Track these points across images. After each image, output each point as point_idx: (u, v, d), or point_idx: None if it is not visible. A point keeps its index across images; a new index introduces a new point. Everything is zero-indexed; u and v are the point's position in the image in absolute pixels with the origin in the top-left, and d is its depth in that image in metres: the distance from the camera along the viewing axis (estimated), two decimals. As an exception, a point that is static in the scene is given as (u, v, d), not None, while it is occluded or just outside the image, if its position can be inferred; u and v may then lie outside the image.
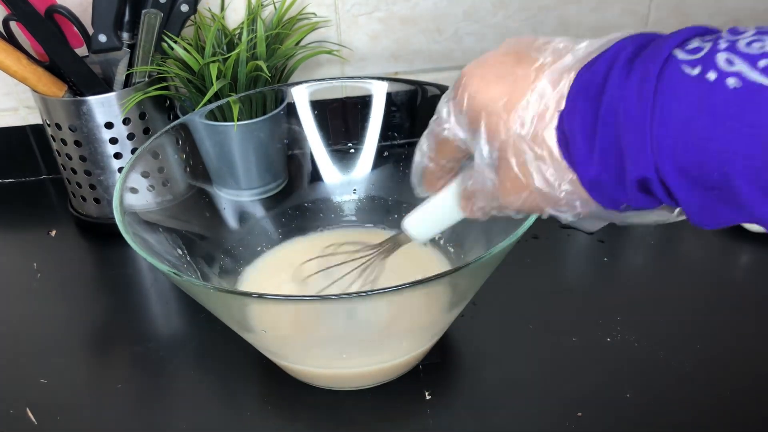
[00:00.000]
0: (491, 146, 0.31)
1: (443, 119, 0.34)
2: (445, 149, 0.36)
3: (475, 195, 0.35)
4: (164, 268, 0.41)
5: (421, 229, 0.42)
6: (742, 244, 0.65)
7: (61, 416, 0.51)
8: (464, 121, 0.32)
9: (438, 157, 0.37)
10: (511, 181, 0.30)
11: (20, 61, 0.62)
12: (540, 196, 0.30)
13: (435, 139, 0.36)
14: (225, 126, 0.61)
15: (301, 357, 0.49)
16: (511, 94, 0.29)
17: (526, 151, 0.29)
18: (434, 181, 0.39)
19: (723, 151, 0.23)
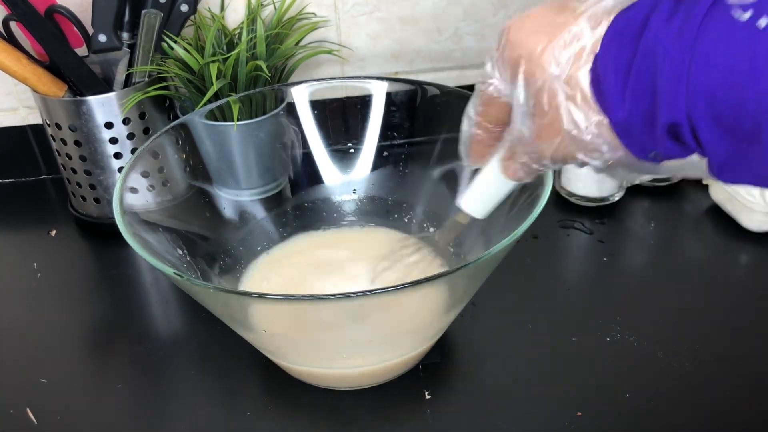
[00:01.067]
0: (528, 92, 0.31)
1: (487, 74, 0.34)
2: (491, 110, 0.35)
3: (515, 151, 0.34)
4: (164, 269, 0.41)
5: (477, 204, 0.41)
6: (742, 244, 0.65)
7: (61, 416, 0.51)
8: (506, 73, 0.32)
9: (485, 121, 0.36)
10: (546, 126, 0.30)
11: (20, 61, 0.62)
12: (569, 140, 0.30)
13: (481, 99, 0.35)
14: (225, 126, 0.61)
15: (301, 357, 0.49)
16: (549, 39, 0.29)
17: (558, 92, 0.29)
18: (482, 150, 0.38)
19: (761, 100, 0.23)
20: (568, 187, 0.71)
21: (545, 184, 0.45)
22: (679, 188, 0.74)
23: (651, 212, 0.71)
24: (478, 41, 0.78)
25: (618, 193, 0.71)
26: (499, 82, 0.33)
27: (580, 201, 0.71)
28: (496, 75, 0.33)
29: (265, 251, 0.61)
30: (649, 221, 0.69)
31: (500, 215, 0.52)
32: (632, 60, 0.26)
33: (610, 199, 0.71)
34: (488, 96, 0.34)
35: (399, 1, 0.75)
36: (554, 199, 0.72)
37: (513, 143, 0.34)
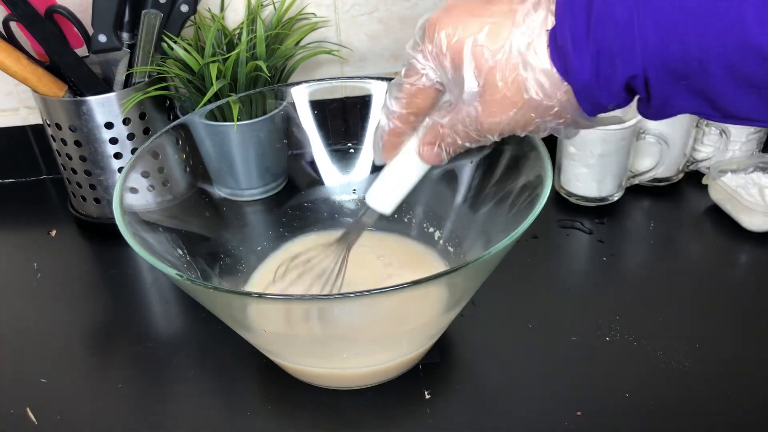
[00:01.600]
0: (478, 74, 0.33)
1: (418, 68, 0.36)
2: (417, 100, 0.38)
3: (437, 135, 0.38)
4: (164, 269, 0.41)
5: (385, 197, 0.42)
6: (742, 244, 0.65)
7: (61, 416, 0.51)
8: (443, 62, 0.35)
9: (410, 112, 0.39)
10: (498, 102, 0.33)
11: (20, 62, 0.62)
12: (531, 109, 0.33)
13: (406, 94, 0.38)
14: (225, 126, 0.61)
15: (301, 357, 0.49)
16: (492, 24, 0.32)
17: (518, 70, 0.32)
18: (395, 142, 0.41)
19: (701, 44, 0.27)
20: (567, 187, 0.71)
21: (545, 183, 0.45)
22: (679, 188, 0.74)
23: (651, 212, 0.71)
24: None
25: (618, 193, 0.71)
26: (432, 73, 0.36)
27: (579, 201, 0.71)
28: (429, 66, 0.36)
29: (265, 251, 0.61)
30: (648, 221, 0.69)
31: (500, 215, 0.52)
32: (587, 28, 0.29)
33: (610, 199, 0.71)
34: (416, 88, 0.37)
35: (399, 1, 0.75)
36: (554, 199, 0.72)
37: (451, 123, 0.37)
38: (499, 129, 0.35)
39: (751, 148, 0.73)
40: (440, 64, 0.35)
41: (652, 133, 0.68)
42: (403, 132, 0.40)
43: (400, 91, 0.38)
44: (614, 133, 0.65)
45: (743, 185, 0.67)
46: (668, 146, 0.68)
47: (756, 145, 0.74)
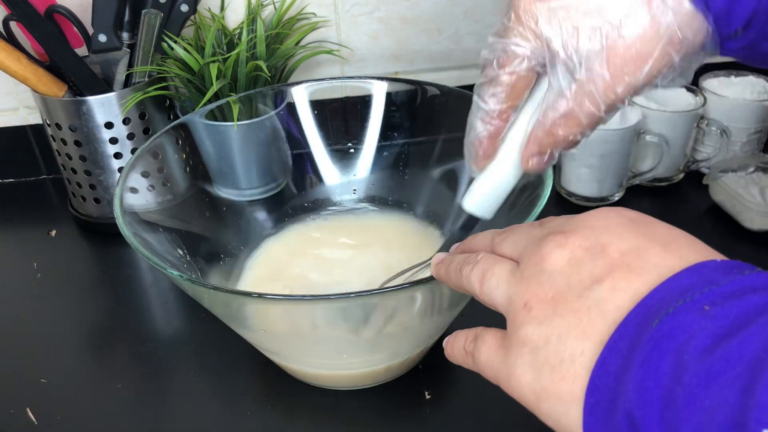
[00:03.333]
0: (598, 41, 0.31)
1: (518, 52, 0.33)
2: (516, 90, 0.35)
3: (553, 129, 0.34)
4: (164, 269, 0.41)
5: (485, 203, 0.39)
6: (742, 244, 0.65)
7: (61, 416, 0.51)
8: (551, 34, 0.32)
9: (508, 107, 0.36)
10: (629, 59, 0.31)
11: (20, 61, 0.62)
12: (671, 49, 0.31)
13: (505, 86, 0.35)
14: (225, 126, 0.61)
15: (301, 357, 0.49)
16: None
17: (649, 16, 0.30)
18: (493, 145, 0.37)
19: None
20: (568, 187, 0.71)
21: (545, 184, 0.45)
22: (679, 188, 0.74)
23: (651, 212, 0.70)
24: (478, 41, 0.78)
25: (618, 193, 0.71)
26: (535, 55, 0.33)
27: (580, 201, 0.71)
28: (530, 47, 0.33)
29: (265, 251, 0.61)
30: (649, 221, 0.69)
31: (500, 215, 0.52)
32: None
33: (610, 199, 0.71)
34: (517, 75, 0.34)
35: (399, 1, 0.75)
36: (554, 199, 0.72)
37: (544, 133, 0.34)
38: (631, 90, 0.32)
39: (752, 148, 0.73)
40: (546, 42, 0.32)
41: (653, 133, 0.68)
42: (502, 131, 0.37)
43: (496, 85, 0.35)
44: (615, 133, 0.65)
45: (743, 185, 0.67)
46: (669, 146, 0.68)
47: (756, 145, 0.74)
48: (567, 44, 0.32)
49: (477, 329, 0.31)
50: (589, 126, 0.34)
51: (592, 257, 0.25)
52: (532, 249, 0.27)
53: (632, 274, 0.24)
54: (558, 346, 0.25)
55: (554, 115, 0.34)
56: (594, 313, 0.24)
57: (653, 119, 0.68)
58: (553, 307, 0.25)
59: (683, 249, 0.25)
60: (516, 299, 0.27)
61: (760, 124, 0.72)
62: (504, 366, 0.28)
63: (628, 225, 0.26)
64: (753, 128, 0.72)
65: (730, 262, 0.24)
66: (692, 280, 0.23)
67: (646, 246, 0.25)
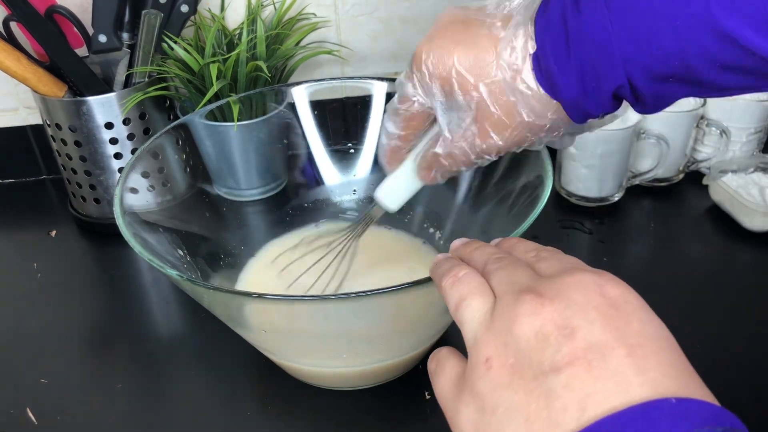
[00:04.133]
0: (467, 100, 0.35)
1: (409, 95, 0.38)
2: (411, 124, 0.40)
3: (436, 159, 0.39)
4: (164, 269, 0.41)
5: (391, 198, 0.46)
6: (742, 244, 0.65)
7: (61, 416, 0.51)
8: (433, 89, 0.36)
9: (404, 134, 0.41)
10: (493, 124, 0.34)
11: (20, 62, 0.62)
12: (526, 129, 0.34)
13: (401, 118, 0.40)
14: (225, 126, 0.61)
15: (301, 357, 0.49)
16: (477, 52, 0.34)
17: (508, 95, 0.33)
18: (399, 156, 0.43)
19: (676, 44, 0.28)
20: (568, 187, 0.71)
21: (545, 184, 0.45)
22: (679, 188, 0.74)
23: (651, 212, 0.71)
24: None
25: (618, 193, 0.71)
26: (423, 99, 0.38)
27: (580, 201, 0.71)
28: (419, 94, 0.37)
29: (265, 251, 0.61)
30: (649, 221, 0.69)
31: (500, 215, 0.52)
32: (568, 48, 0.31)
33: (610, 199, 0.71)
34: (411, 113, 0.39)
35: (399, 2, 0.75)
36: (554, 199, 0.72)
37: (443, 150, 0.38)
38: (496, 149, 0.36)
39: (752, 148, 0.73)
40: (430, 92, 0.37)
41: (653, 134, 0.68)
42: (402, 147, 0.42)
43: (395, 115, 0.40)
44: (614, 133, 0.65)
45: (743, 185, 0.67)
46: (668, 146, 0.68)
47: (756, 146, 0.74)
48: (444, 101, 0.36)
49: (443, 351, 0.32)
50: (464, 165, 0.38)
51: (559, 338, 0.24)
52: (510, 300, 0.27)
53: (589, 375, 0.23)
54: (501, 422, 0.24)
55: (437, 150, 0.39)
56: (541, 404, 0.23)
57: (653, 119, 0.68)
58: (509, 378, 0.25)
59: (648, 359, 0.24)
60: (481, 349, 0.27)
61: (759, 124, 0.72)
62: (452, 406, 0.29)
63: (605, 310, 0.25)
64: (753, 128, 0.72)
65: (689, 406, 0.23)
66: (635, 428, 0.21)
67: (611, 345, 0.24)
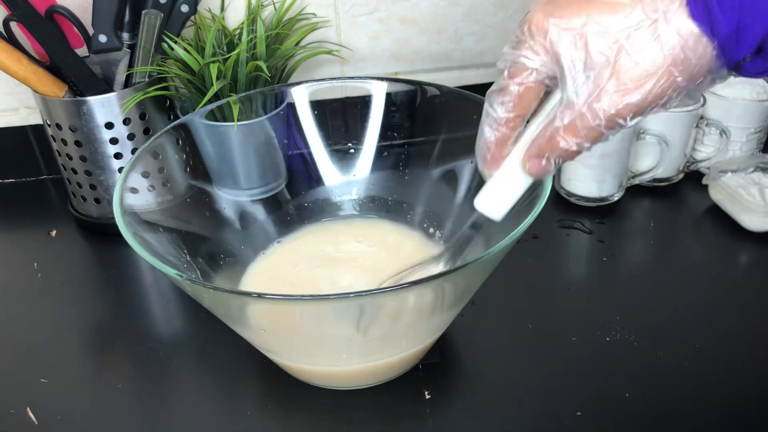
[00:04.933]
0: (606, 53, 0.32)
1: (527, 64, 0.35)
2: (525, 101, 0.37)
3: (553, 139, 0.36)
4: (164, 269, 0.41)
5: (495, 205, 0.42)
6: (742, 244, 0.65)
7: (61, 416, 0.51)
8: (560, 50, 0.34)
9: (515, 116, 0.37)
10: (635, 77, 0.32)
11: (21, 62, 0.62)
12: (670, 77, 0.32)
13: (513, 96, 0.37)
14: (225, 126, 0.61)
15: (301, 357, 0.49)
16: (613, 2, 0.32)
17: (658, 33, 0.32)
18: (501, 151, 0.39)
19: None
20: (568, 187, 0.71)
21: (545, 184, 0.45)
22: (679, 188, 0.74)
23: (651, 212, 0.71)
24: (477, 41, 0.78)
25: (618, 193, 0.71)
26: (544, 66, 0.35)
27: (580, 201, 0.71)
28: (540, 60, 0.35)
29: (265, 251, 0.61)
30: (649, 221, 0.69)
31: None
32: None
33: (610, 199, 0.71)
34: (526, 87, 0.36)
35: (399, 1, 0.75)
36: (554, 199, 0.72)
37: (546, 138, 0.36)
38: (634, 109, 0.34)
39: (751, 148, 0.73)
40: (555, 56, 0.34)
41: (652, 133, 0.68)
42: (509, 138, 0.39)
43: (505, 94, 0.37)
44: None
45: (743, 185, 0.67)
46: (668, 146, 0.68)
47: (756, 145, 0.74)
48: (575, 59, 0.33)
49: None
50: (588, 139, 0.35)
51: None
52: None
53: None
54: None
55: (557, 125, 0.35)
56: None
57: (653, 119, 0.68)
58: None
59: None
60: None
61: (759, 124, 0.72)
62: None
63: None
64: (753, 128, 0.72)
65: None
66: None
67: None
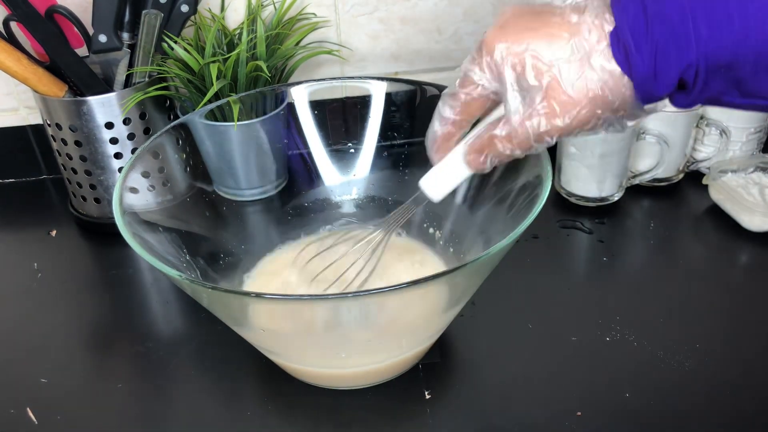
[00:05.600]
0: (539, 80, 0.36)
1: (475, 79, 0.39)
2: (469, 109, 0.41)
3: (491, 143, 0.39)
4: (164, 269, 0.41)
5: (435, 187, 0.45)
6: (742, 244, 0.65)
7: (61, 416, 0.51)
8: (504, 72, 0.37)
9: (460, 119, 0.42)
10: (562, 104, 0.36)
11: (21, 62, 0.62)
12: (595, 106, 0.36)
13: (461, 102, 0.41)
14: (225, 126, 0.61)
15: (301, 357, 0.49)
16: (551, 35, 0.35)
17: (584, 72, 0.35)
18: (446, 145, 0.44)
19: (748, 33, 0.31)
20: (568, 187, 0.71)
21: (544, 184, 0.45)
22: (679, 188, 0.74)
23: (651, 212, 0.71)
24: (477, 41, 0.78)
25: (618, 193, 0.71)
26: (488, 83, 0.39)
27: (580, 201, 0.71)
28: (485, 77, 0.39)
29: (265, 251, 0.61)
30: (649, 221, 0.69)
31: (500, 215, 0.52)
32: (645, 27, 0.33)
33: (610, 199, 0.71)
34: (471, 97, 0.40)
35: (399, 1, 0.75)
36: (554, 199, 0.72)
37: (488, 140, 0.39)
38: (560, 131, 0.37)
39: (751, 148, 0.73)
40: (498, 75, 0.38)
41: (652, 133, 0.68)
42: (454, 135, 0.43)
43: (454, 99, 0.41)
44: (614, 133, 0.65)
45: (743, 185, 0.67)
46: (668, 146, 0.68)
47: (756, 145, 0.74)
48: (513, 81, 0.37)
49: None
50: (519, 148, 0.39)
51: None
52: None
53: None
54: None
55: (496, 133, 0.39)
56: None
57: (653, 119, 0.68)
58: None
59: None
60: None
61: (759, 124, 0.72)
62: None
63: None
64: (753, 128, 0.72)
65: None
66: None
67: None
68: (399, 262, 0.59)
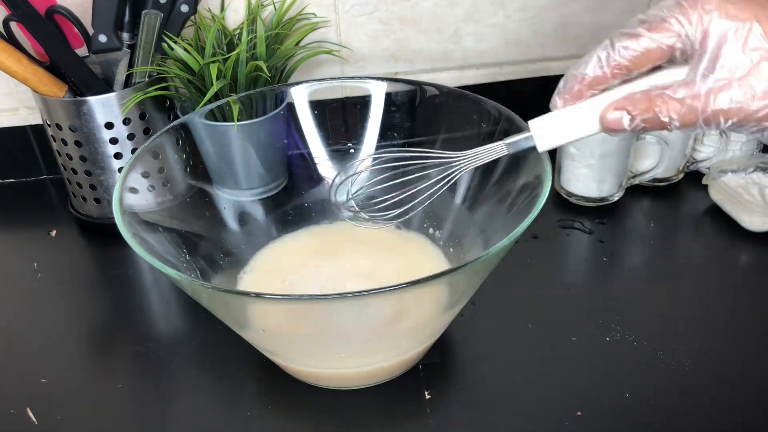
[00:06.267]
0: (749, 57, 0.32)
1: (672, 28, 0.34)
2: (647, 59, 0.36)
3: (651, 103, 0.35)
4: (164, 269, 0.41)
5: (546, 135, 0.40)
6: (742, 244, 0.65)
7: (61, 416, 0.51)
8: (706, 33, 0.33)
9: (627, 65, 0.36)
10: (763, 89, 0.32)
11: (21, 62, 0.62)
12: None
13: (642, 47, 0.35)
14: (225, 126, 0.61)
15: (301, 357, 0.49)
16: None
17: None
18: (585, 92, 0.38)
19: None
20: (567, 187, 0.71)
21: (544, 184, 0.45)
22: (679, 188, 0.74)
23: (651, 212, 0.71)
24: (477, 41, 0.78)
25: (618, 193, 0.71)
26: (685, 39, 0.34)
27: (579, 201, 0.71)
28: (687, 31, 0.34)
29: (265, 251, 0.61)
30: (649, 221, 0.69)
31: (499, 215, 0.52)
32: None
33: (610, 199, 0.71)
34: (657, 45, 0.35)
35: (399, 1, 0.75)
36: (554, 199, 0.72)
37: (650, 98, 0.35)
38: (741, 117, 0.33)
39: (752, 148, 0.73)
40: (702, 34, 0.34)
41: (653, 133, 0.68)
42: (602, 83, 0.37)
43: (634, 42, 0.35)
44: None
45: (743, 185, 0.67)
46: (668, 146, 0.68)
47: (756, 145, 0.74)
48: (723, 48, 0.33)
49: None
50: (682, 119, 0.35)
51: None
52: None
53: None
54: None
55: (670, 92, 0.35)
56: None
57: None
58: None
59: None
60: None
61: (759, 124, 0.72)
62: None
63: None
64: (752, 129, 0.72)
65: None
66: None
67: None
68: (398, 262, 0.59)
